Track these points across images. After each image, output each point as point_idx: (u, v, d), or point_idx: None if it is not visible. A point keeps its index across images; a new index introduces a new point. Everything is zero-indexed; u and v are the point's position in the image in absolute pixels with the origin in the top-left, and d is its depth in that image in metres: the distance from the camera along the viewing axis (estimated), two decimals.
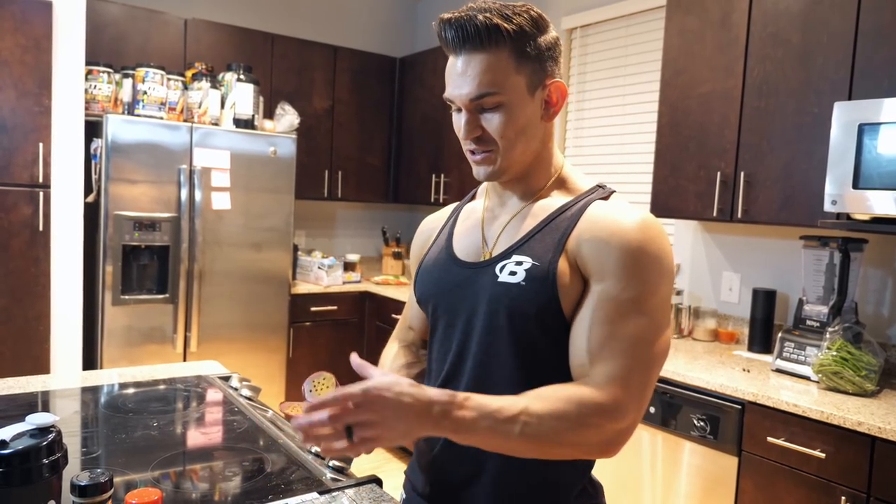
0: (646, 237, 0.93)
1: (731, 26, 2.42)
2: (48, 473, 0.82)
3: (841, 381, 2.02)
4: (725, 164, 2.43)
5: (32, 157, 2.85)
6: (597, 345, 0.92)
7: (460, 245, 1.12)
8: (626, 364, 0.90)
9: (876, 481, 1.73)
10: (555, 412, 0.86)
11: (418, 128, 4.35)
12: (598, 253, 0.94)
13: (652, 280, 0.93)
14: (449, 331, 1.08)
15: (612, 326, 0.92)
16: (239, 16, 4.13)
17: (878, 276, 2.35)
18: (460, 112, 1.01)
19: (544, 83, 1.00)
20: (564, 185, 1.08)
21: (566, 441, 0.87)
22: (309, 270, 4.12)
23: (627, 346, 0.91)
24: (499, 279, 1.00)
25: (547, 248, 0.99)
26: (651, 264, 0.93)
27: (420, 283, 1.15)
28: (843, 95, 2.10)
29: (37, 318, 2.93)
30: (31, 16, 2.82)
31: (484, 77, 0.95)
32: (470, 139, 1.00)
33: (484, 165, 1.02)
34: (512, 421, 0.85)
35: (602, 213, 0.98)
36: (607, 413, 0.88)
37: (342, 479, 1.20)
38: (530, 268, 0.98)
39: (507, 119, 0.98)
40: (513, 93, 0.97)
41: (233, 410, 1.56)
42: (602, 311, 0.93)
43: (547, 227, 1.01)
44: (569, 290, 0.96)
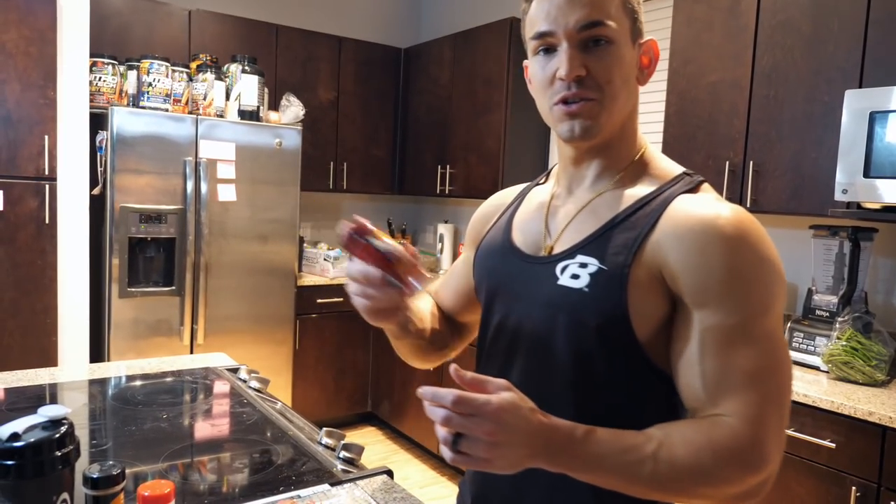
0: (750, 241, 0.78)
1: (739, 14, 2.39)
2: (61, 466, 0.81)
3: (851, 371, 2.01)
4: (734, 153, 2.42)
5: (38, 150, 2.85)
6: (714, 383, 0.78)
7: (520, 233, 0.99)
8: (756, 401, 0.76)
9: (887, 471, 1.73)
10: (690, 460, 0.74)
11: (424, 119, 4.33)
12: (694, 265, 0.79)
13: (764, 295, 0.79)
14: (502, 329, 0.96)
15: (727, 359, 0.77)
16: (243, 7, 4.11)
17: (888, 265, 2.33)
18: (551, 54, 0.87)
19: (640, 39, 0.90)
20: (646, 170, 0.92)
21: (698, 493, 0.75)
22: (315, 262, 4.12)
23: (751, 380, 0.76)
24: (559, 281, 0.87)
25: (618, 250, 0.84)
26: (761, 275, 0.78)
27: (477, 268, 1.05)
28: (853, 83, 2.07)
29: (44, 310, 2.93)
30: (36, 8, 2.81)
31: (598, 4, 0.84)
32: (573, 78, 0.84)
33: (580, 119, 0.86)
34: (640, 464, 0.74)
35: (689, 210, 0.82)
36: (747, 462, 0.74)
37: (353, 470, 1.20)
38: (596, 272, 0.84)
39: (616, 60, 0.85)
40: (622, 31, 0.86)
41: (241, 402, 1.56)
42: (712, 343, 0.78)
43: (622, 223, 0.86)
44: (644, 303, 0.82)
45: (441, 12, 4.70)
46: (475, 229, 1.15)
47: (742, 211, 0.81)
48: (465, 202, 4.49)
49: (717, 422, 0.76)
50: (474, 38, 3.85)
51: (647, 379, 0.85)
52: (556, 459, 0.73)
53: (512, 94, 3.57)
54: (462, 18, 4.46)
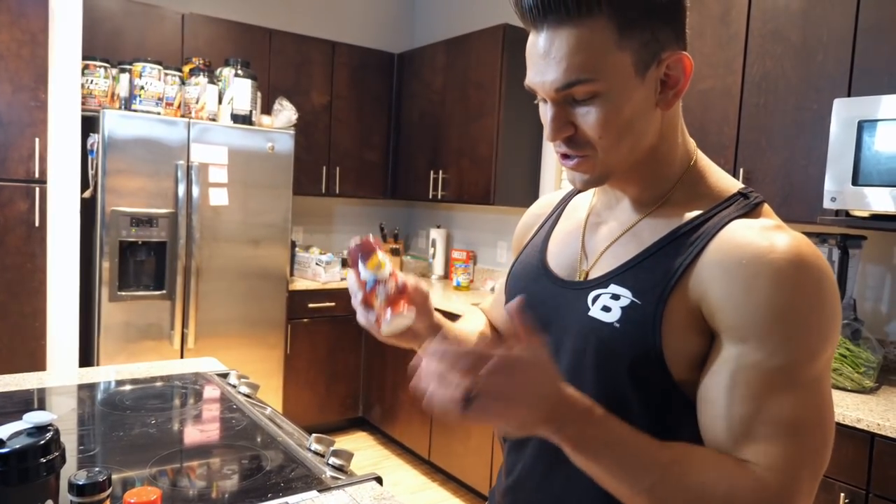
0: (806, 276, 0.69)
1: (730, 22, 2.41)
2: (45, 473, 0.81)
3: (840, 377, 2.02)
4: (725, 160, 2.43)
5: (28, 152, 2.84)
6: (741, 429, 0.69)
7: (555, 252, 0.92)
8: (791, 454, 0.67)
9: (875, 478, 1.74)
10: (699, 489, 0.67)
11: (417, 124, 4.34)
12: (736, 299, 0.70)
13: (815, 338, 0.69)
14: None
15: (761, 404, 0.68)
16: (237, 11, 4.11)
17: (876, 272, 2.35)
18: (546, 103, 0.77)
19: (659, 58, 0.75)
20: (696, 189, 0.82)
21: None
22: (307, 266, 4.11)
23: (787, 431, 0.67)
24: (589, 312, 0.80)
25: (654, 282, 0.76)
26: (814, 315, 0.69)
27: (509, 288, 0.97)
28: (842, 92, 2.09)
29: (33, 314, 2.91)
30: (28, 10, 2.80)
31: (574, 59, 0.71)
32: (559, 140, 0.77)
33: (579, 172, 0.79)
34: (646, 469, 0.67)
35: (741, 237, 0.72)
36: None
37: (342, 476, 1.20)
38: (628, 306, 0.76)
39: (606, 112, 0.74)
40: (614, 77, 0.72)
41: (231, 408, 1.55)
42: (746, 384, 0.69)
43: (662, 250, 0.77)
44: (680, 340, 0.74)
45: (434, 18, 4.71)
46: (518, 240, 1.07)
47: (804, 242, 0.71)
48: (458, 207, 4.49)
49: (745, 465, 0.68)
50: (467, 43, 3.86)
51: (685, 418, 0.77)
52: (563, 430, 0.67)
53: (504, 100, 3.58)
54: (455, 24, 4.48)
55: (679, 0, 0.75)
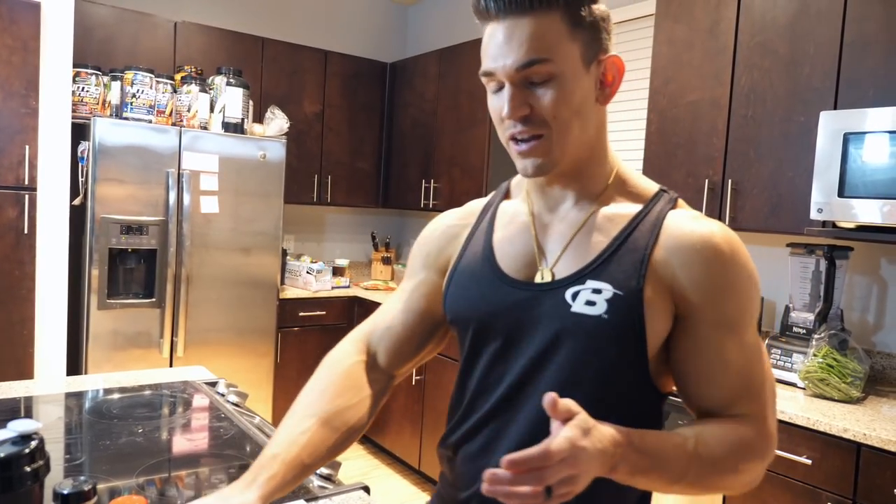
0: (742, 259, 0.85)
1: (719, 35, 2.44)
2: (30, 482, 0.80)
3: (827, 387, 2.04)
4: (713, 171, 2.45)
5: (18, 159, 2.83)
6: (736, 390, 0.85)
7: (506, 257, 0.95)
8: (764, 400, 0.86)
9: (861, 487, 1.75)
10: (725, 456, 0.81)
11: (409, 133, 4.35)
12: (699, 282, 0.84)
13: (754, 304, 0.86)
14: (502, 359, 0.92)
15: (738, 368, 0.85)
16: (229, 19, 4.12)
17: (863, 283, 2.37)
18: (499, 91, 0.86)
19: (599, 58, 0.86)
20: (625, 188, 0.93)
21: (725, 484, 0.83)
22: (297, 275, 4.10)
23: (761, 383, 0.86)
24: (572, 309, 0.86)
25: (629, 274, 0.85)
26: (750, 287, 0.86)
27: (454, 299, 0.97)
28: (828, 105, 2.12)
29: (21, 321, 2.89)
30: (19, 17, 2.80)
31: (534, 41, 0.81)
32: (516, 118, 0.84)
33: (532, 157, 0.86)
34: (682, 466, 0.78)
35: (685, 229, 0.86)
36: (761, 454, 0.84)
37: (329, 486, 1.20)
38: (612, 298, 0.84)
39: (561, 94, 0.82)
40: (566, 63, 0.82)
41: (219, 417, 1.55)
42: (723, 351, 0.84)
43: (623, 245, 0.87)
44: (656, 323, 0.85)
45: (427, 28, 4.73)
46: (438, 249, 1.05)
47: (728, 228, 0.88)
48: None
49: (740, 420, 0.85)
50: (460, 53, 3.88)
51: (647, 394, 0.90)
52: (618, 471, 0.75)
53: None
54: (447, 34, 4.50)
55: (607, 18, 0.88)
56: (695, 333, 0.86)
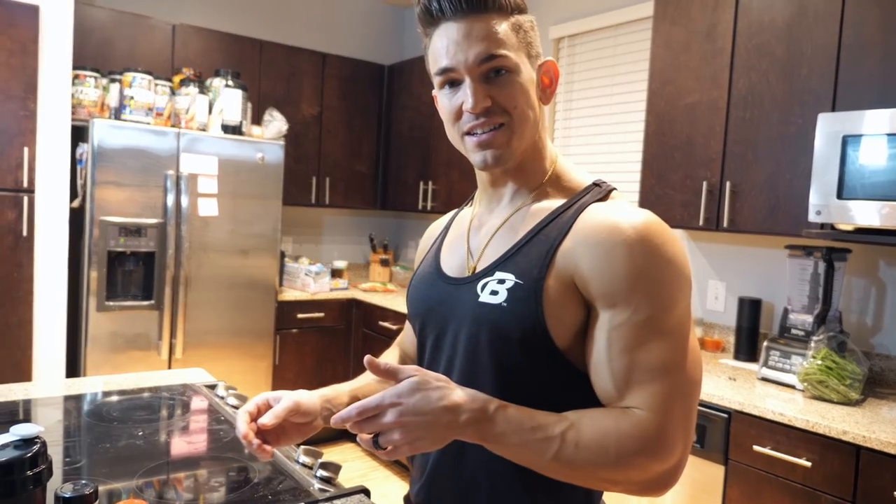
0: (653, 243, 0.82)
1: (716, 38, 2.44)
2: (32, 486, 0.80)
3: (826, 389, 2.04)
4: (711, 173, 2.45)
5: (17, 162, 2.83)
6: (622, 380, 0.82)
7: (447, 257, 1.03)
8: (661, 392, 0.80)
9: (861, 490, 1.75)
10: (594, 444, 0.79)
11: (406, 135, 4.35)
12: (600, 270, 0.83)
13: (668, 293, 0.82)
14: (436, 352, 0.99)
15: (634, 355, 0.81)
16: (227, 22, 4.12)
17: (861, 285, 2.38)
18: (456, 87, 0.92)
19: (538, 62, 0.94)
20: (559, 183, 0.96)
21: (604, 476, 0.80)
22: (296, 277, 4.10)
23: (656, 373, 0.81)
24: (479, 299, 0.90)
25: (533, 264, 0.88)
26: (664, 274, 0.82)
27: (409, 297, 1.08)
28: (826, 107, 2.12)
29: (19, 324, 2.89)
30: (18, 19, 2.80)
31: (492, 38, 0.88)
32: (479, 110, 0.89)
33: (492, 148, 0.91)
34: (547, 441, 0.79)
35: (597, 219, 0.87)
36: (651, 450, 0.79)
37: (330, 489, 1.20)
38: (513, 287, 0.88)
39: (518, 86, 0.89)
40: (519, 58, 0.90)
41: (219, 419, 1.55)
42: (620, 341, 0.82)
43: (535, 237, 0.90)
44: (560, 311, 0.85)
45: None
46: (417, 262, 1.18)
47: (648, 214, 0.86)
48: None
49: (626, 411, 0.81)
50: None
51: (571, 383, 0.89)
52: (465, 433, 0.79)
53: None
54: None
55: (535, 30, 0.95)
56: (595, 321, 0.85)
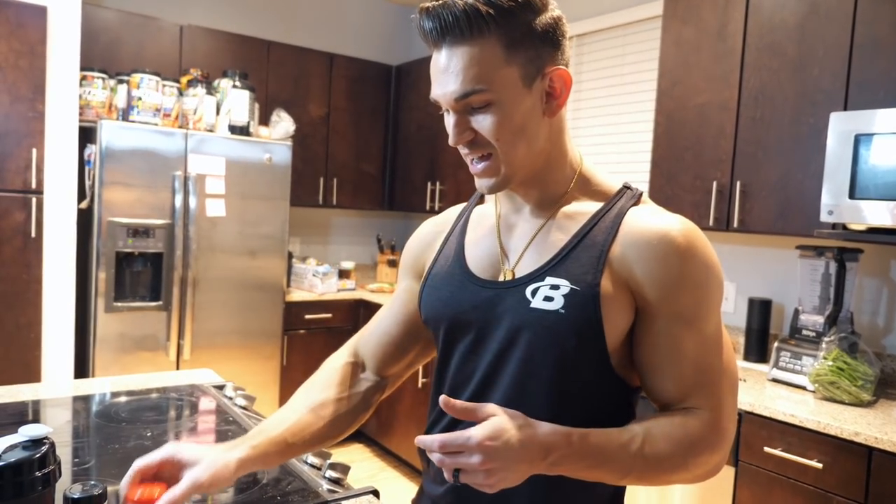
0: (701, 252, 0.86)
1: (727, 37, 2.43)
2: (41, 486, 0.80)
3: (837, 390, 2.02)
4: (721, 173, 2.44)
5: (25, 163, 2.83)
6: (686, 382, 0.87)
7: (474, 258, 0.99)
8: (718, 392, 0.87)
9: (873, 492, 1.73)
10: (670, 453, 0.84)
11: (414, 135, 4.35)
12: (656, 277, 0.85)
13: (715, 298, 0.88)
14: (471, 357, 0.96)
15: (695, 359, 0.87)
16: (235, 23, 4.12)
17: (873, 285, 2.36)
18: (449, 113, 0.89)
19: (543, 72, 0.87)
20: (588, 188, 0.95)
21: (674, 478, 0.86)
22: (303, 278, 4.10)
23: (715, 376, 0.87)
24: (532, 304, 0.89)
25: (586, 269, 0.87)
26: (712, 281, 0.87)
27: (428, 301, 1.01)
28: (838, 106, 2.10)
29: (28, 325, 2.90)
30: (26, 21, 2.81)
31: (469, 72, 0.83)
32: (461, 143, 0.88)
33: (485, 178, 0.90)
34: (627, 462, 0.82)
35: (644, 224, 0.88)
36: (713, 447, 0.86)
37: (339, 490, 1.19)
38: (569, 293, 0.87)
39: (500, 118, 0.85)
40: (504, 88, 0.84)
41: (227, 420, 1.54)
42: (680, 345, 0.86)
43: (582, 242, 0.90)
44: (614, 315, 0.87)
45: None
46: (415, 257, 1.11)
47: (688, 222, 0.89)
48: None
49: (689, 414, 0.87)
50: None
51: (612, 387, 0.91)
52: (556, 468, 0.80)
53: None
54: None
55: (559, 25, 0.88)
56: (652, 326, 0.88)
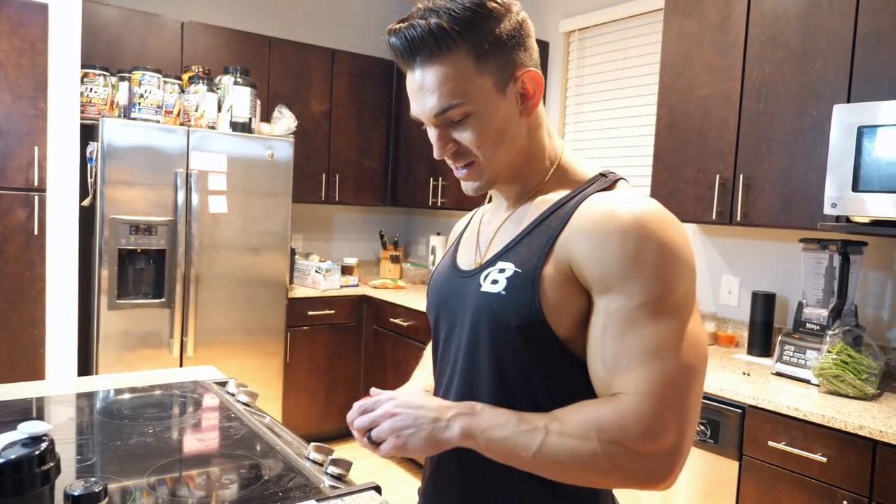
0: (648, 228, 0.81)
1: (729, 29, 2.41)
2: (40, 484, 0.80)
3: (841, 384, 2.01)
4: (724, 167, 2.43)
5: (28, 161, 2.84)
6: (612, 364, 0.80)
7: (462, 253, 1.06)
8: (649, 377, 0.77)
9: (878, 485, 1.72)
10: (577, 431, 0.78)
11: (416, 131, 4.34)
12: (595, 257, 0.82)
13: (664, 278, 0.80)
14: (448, 344, 1.01)
15: (625, 341, 0.80)
16: (236, 19, 4.12)
17: (877, 278, 2.34)
18: (431, 128, 0.92)
19: (514, 76, 0.89)
20: (565, 177, 0.96)
21: (593, 465, 0.78)
22: (306, 274, 4.10)
23: (646, 358, 0.78)
24: (482, 288, 0.92)
25: (532, 253, 0.89)
26: (660, 259, 0.80)
27: (429, 292, 1.10)
28: (841, 98, 2.09)
29: (32, 322, 2.91)
30: (27, 18, 2.80)
31: (443, 88, 0.86)
32: (446, 156, 0.92)
33: (470, 181, 0.95)
34: (531, 434, 0.80)
35: (595, 207, 0.86)
36: (633, 434, 0.76)
37: (340, 486, 1.19)
38: (512, 275, 0.88)
39: (480, 127, 0.88)
40: (479, 98, 0.87)
41: (229, 416, 1.54)
42: (613, 326, 0.81)
43: (537, 228, 0.91)
44: (559, 300, 0.85)
45: None
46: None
47: (648, 201, 0.85)
48: (457, 214, 4.49)
49: (610, 398, 0.80)
50: None
51: (572, 373, 0.88)
52: (455, 427, 0.83)
53: None
54: None
55: (522, 28, 0.90)
56: (593, 308, 0.85)
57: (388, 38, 0.89)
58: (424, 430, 0.84)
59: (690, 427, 0.79)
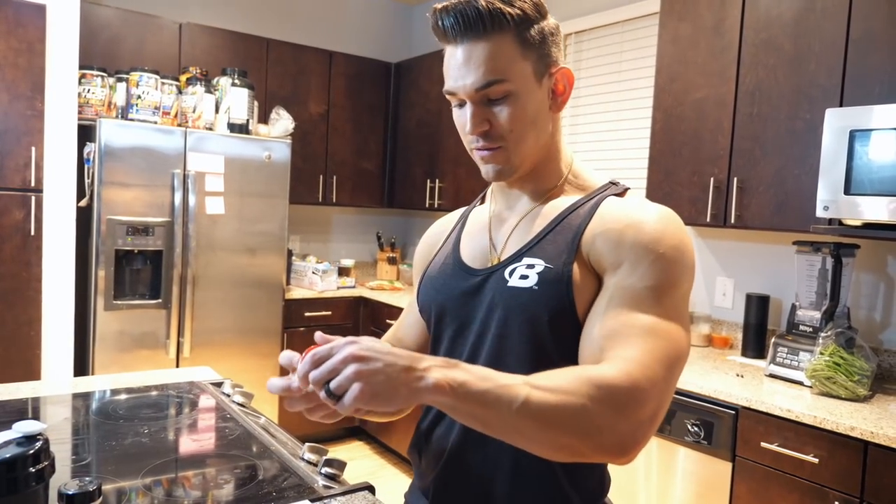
0: (665, 229, 0.88)
1: (724, 33, 2.43)
2: (34, 483, 0.81)
3: (834, 386, 2.02)
4: (719, 169, 2.44)
5: (25, 161, 2.84)
6: (610, 331, 0.84)
7: (467, 250, 1.07)
8: (644, 349, 0.81)
9: (869, 486, 1.74)
10: (563, 386, 0.76)
11: (414, 133, 4.35)
12: (613, 246, 0.89)
13: (671, 273, 0.86)
14: (458, 340, 1.01)
15: (628, 314, 0.84)
16: (234, 20, 4.12)
17: (870, 281, 2.36)
18: (462, 106, 0.95)
19: (550, 71, 0.95)
20: (576, 183, 1.02)
21: (575, 424, 0.76)
22: (303, 275, 4.11)
23: (645, 334, 0.82)
24: (509, 283, 0.94)
25: (560, 250, 0.93)
26: (673, 255, 0.87)
27: (423, 290, 1.09)
28: (834, 102, 2.11)
29: (28, 323, 2.91)
30: (25, 19, 2.81)
31: (489, 64, 0.90)
32: (477, 134, 0.94)
33: (492, 163, 0.96)
34: (513, 389, 0.75)
35: (617, 208, 0.93)
36: (622, 395, 0.77)
37: (334, 486, 1.20)
38: (543, 271, 0.92)
39: (516, 109, 0.92)
40: (520, 80, 0.91)
41: (225, 417, 1.55)
42: (620, 298, 0.86)
43: (559, 226, 0.96)
44: (583, 291, 0.90)
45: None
46: (424, 258, 1.19)
47: (665, 207, 0.92)
48: None
49: (601, 365, 0.81)
50: None
51: None
52: (427, 380, 0.74)
53: None
54: None
55: (559, 31, 0.97)
56: (603, 286, 0.90)
57: (437, 13, 0.92)
58: (396, 378, 0.73)
59: (665, 406, 0.83)
